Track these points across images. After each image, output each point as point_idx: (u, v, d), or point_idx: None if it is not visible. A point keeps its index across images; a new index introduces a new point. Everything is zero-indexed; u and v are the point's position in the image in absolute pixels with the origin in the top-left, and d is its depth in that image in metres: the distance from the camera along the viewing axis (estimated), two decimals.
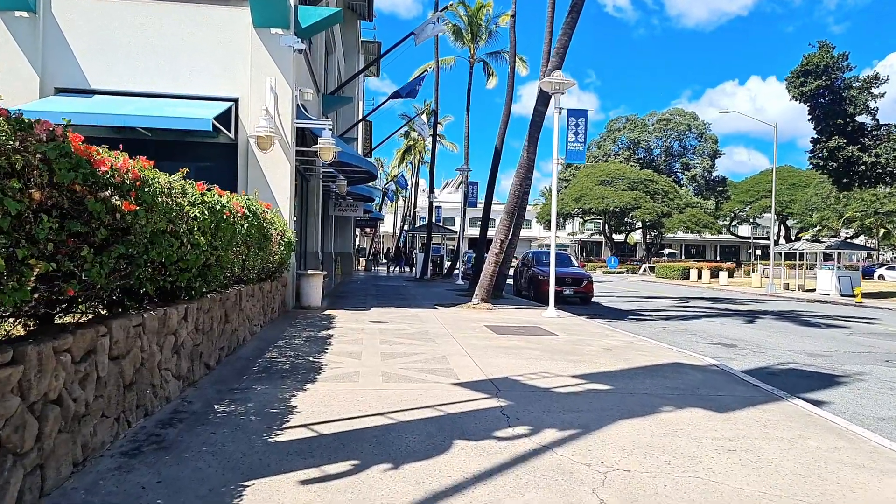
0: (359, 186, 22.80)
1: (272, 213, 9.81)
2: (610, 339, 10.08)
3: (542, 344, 9.29)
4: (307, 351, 7.97)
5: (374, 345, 8.63)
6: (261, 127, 11.69)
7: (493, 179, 22.47)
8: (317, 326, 10.34)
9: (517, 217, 15.24)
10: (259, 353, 7.75)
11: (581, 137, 13.38)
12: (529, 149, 14.57)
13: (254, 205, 7.78)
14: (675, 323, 14.58)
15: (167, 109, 11.20)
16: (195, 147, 12.73)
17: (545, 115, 14.49)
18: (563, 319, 13.01)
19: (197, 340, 6.08)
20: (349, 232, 33.83)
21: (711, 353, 9.96)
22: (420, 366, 7.25)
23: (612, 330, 11.58)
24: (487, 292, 14.80)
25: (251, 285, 8.68)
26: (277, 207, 12.44)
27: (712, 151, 75.34)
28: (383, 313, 12.80)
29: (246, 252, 7.44)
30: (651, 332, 12.62)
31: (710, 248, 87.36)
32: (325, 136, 12.76)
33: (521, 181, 14.72)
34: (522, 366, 7.46)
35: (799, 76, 29.40)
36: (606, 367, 7.55)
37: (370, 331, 10.05)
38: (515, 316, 13.38)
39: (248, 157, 12.44)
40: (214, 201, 5.79)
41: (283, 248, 9.99)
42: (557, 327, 11.46)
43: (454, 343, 9.08)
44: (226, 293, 7.20)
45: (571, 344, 9.40)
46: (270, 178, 12.51)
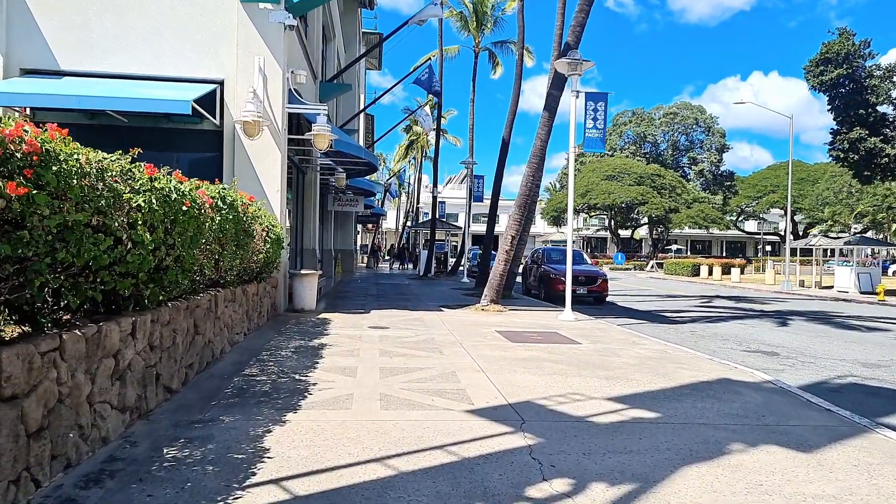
0: (359, 180, 21.66)
1: (256, 205, 8.66)
2: (639, 348, 8.93)
3: (564, 355, 8.14)
4: (294, 366, 6.83)
5: (372, 357, 7.49)
6: (247, 111, 10.53)
7: (501, 172, 21.31)
8: (309, 333, 9.20)
9: (528, 212, 14.09)
10: (237, 368, 6.62)
11: (600, 124, 12.20)
12: (542, 136, 13.39)
13: (230, 195, 6.64)
14: (702, 326, 13.41)
15: (143, 92, 10.05)
16: (176, 134, 11.58)
17: (560, 99, 13.31)
18: (582, 323, 11.85)
19: (151, 360, 4.94)
20: (350, 228, 32.69)
21: (755, 363, 8.79)
22: (426, 385, 6.11)
23: (639, 336, 10.42)
24: (497, 293, 13.65)
25: (230, 289, 7.54)
26: (267, 200, 11.29)
27: (720, 146, 73.97)
28: (384, 316, 11.66)
29: (220, 251, 6.30)
30: (679, 337, 11.46)
31: (715, 244, 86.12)
32: (320, 122, 11.60)
33: (534, 172, 13.55)
34: (547, 384, 6.31)
35: (818, 65, 28.10)
36: (646, 386, 6.39)
37: (369, 338, 8.91)
38: (529, 319, 12.23)
39: (234, 146, 11.29)
40: (170, 189, 4.64)
41: (270, 246, 8.85)
42: (578, 333, 10.30)
43: (464, 354, 7.93)
44: (195, 300, 6.06)
45: (598, 354, 8.25)
46: (259, 168, 11.35)
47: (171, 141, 11.61)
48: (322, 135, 11.51)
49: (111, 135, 11.40)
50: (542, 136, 13.36)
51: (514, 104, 21.22)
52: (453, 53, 32.49)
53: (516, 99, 21.23)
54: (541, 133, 13.39)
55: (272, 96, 11.40)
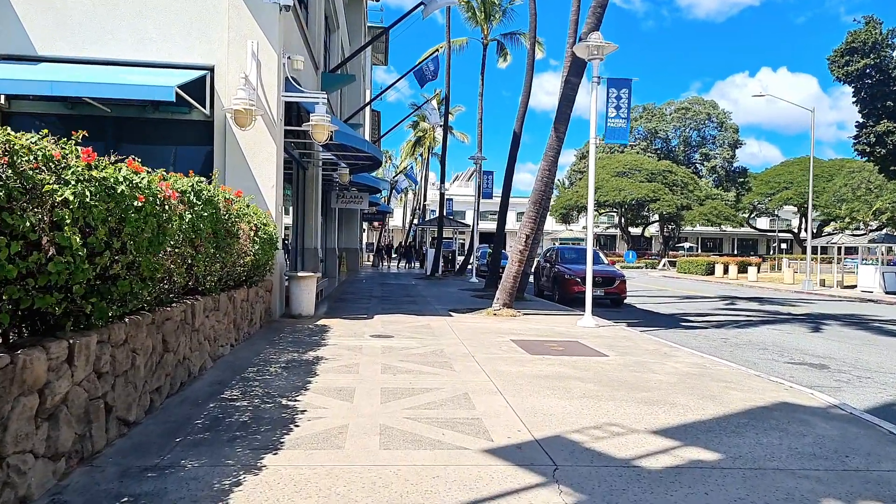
0: (363, 175, 20.74)
1: (243, 202, 7.76)
2: (674, 362, 7.95)
3: (591, 370, 7.18)
4: (282, 386, 5.91)
5: (373, 374, 6.56)
6: (238, 99, 9.62)
7: (512, 167, 20.36)
8: (304, 344, 8.28)
9: (543, 209, 13.11)
10: (216, 390, 5.70)
11: (624, 112, 11.22)
12: (559, 128, 12.41)
13: (207, 189, 5.72)
14: (733, 333, 12.39)
15: (124, 78, 9.16)
16: (164, 126, 10.69)
17: (578, 86, 12.32)
18: (604, 330, 10.88)
19: (99, 390, 4.02)
20: (355, 226, 31.82)
21: (806, 378, 7.81)
22: (435, 413, 5.17)
23: (669, 345, 9.44)
24: (510, 296, 12.69)
25: (213, 296, 6.63)
26: (261, 197, 10.39)
27: (733, 141, 72.52)
28: (388, 323, 10.73)
29: (193, 253, 5.38)
30: (712, 346, 10.47)
31: (727, 242, 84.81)
32: (319, 111, 10.68)
33: (550, 166, 12.57)
34: (577, 411, 5.36)
35: (843, 55, 26.95)
36: (695, 413, 5.43)
37: (370, 350, 7.98)
38: (545, 325, 11.27)
39: (225, 137, 10.38)
40: (115, 179, 3.72)
41: (260, 247, 7.92)
42: (602, 343, 9.34)
43: (478, 370, 6.99)
44: (164, 312, 5.15)
45: (630, 370, 7.28)
46: (253, 161, 10.45)
47: (158, 133, 10.73)
48: (321, 125, 10.59)
49: (93, 126, 10.49)
50: (558, 127, 12.37)
51: (525, 96, 20.25)
52: (461, 45, 31.48)
53: (528, 90, 20.26)
54: (557, 126, 12.40)
55: (266, 83, 10.49)
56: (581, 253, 19.71)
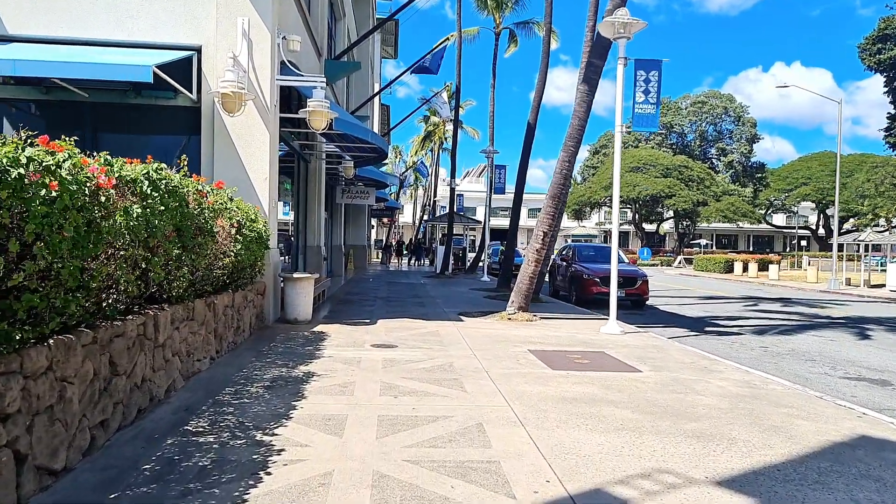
0: (370, 170, 19.78)
1: (224, 195, 6.81)
2: (718, 379, 6.92)
3: (625, 390, 6.17)
4: (261, 413, 4.96)
5: (369, 397, 5.60)
6: (226, 81, 8.67)
7: (526, 161, 19.30)
8: (295, 356, 7.33)
9: (562, 204, 12.06)
10: (181, 419, 4.76)
11: (653, 97, 10.16)
12: (580, 115, 11.35)
13: (169, 178, 4.76)
14: (772, 340, 11.31)
15: (97, 57, 8.24)
16: (147, 112, 9.77)
17: (602, 70, 11.26)
18: (631, 338, 9.85)
19: (4, 436, 3.09)
20: (363, 222, 30.88)
21: (873, 399, 6.76)
22: (442, 453, 4.20)
23: (706, 357, 8.41)
24: (526, 299, 11.67)
25: (186, 304, 5.68)
26: (253, 190, 9.46)
27: (750, 136, 70.90)
28: (392, 329, 9.77)
29: (147, 256, 4.43)
30: (752, 356, 9.43)
31: (742, 238, 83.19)
32: (317, 96, 9.71)
33: (570, 157, 11.52)
34: (616, 450, 4.36)
35: (874, 42, 25.60)
36: (761, 454, 4.41)
37: (369, 364, 7.01)
38: (565, 332, 10.25)
39: (213, 125, 9.44)
40: (8, 159, 2.76)
41: (243, 247, 6.95)
42: (631, 354, 8.32)
43: (493, 390, 6.00)
44: (111, 328, 4.20)
45: (669, 390, 6.26)
46: (244, 151, 9.50)
47: (140, 120, 9.81)
48: (318, 111, 9.62)
49: (70, 112, 9.63)
50: (580, 114, 11.31)
51: (540, 85, 19.20)
52: (472, 35, 30.40)
53: (543, 79, 19.21)
54: (578, 111, 11.34)
55: (259, 65, 9.53)
56: (599, 251, 18.66)
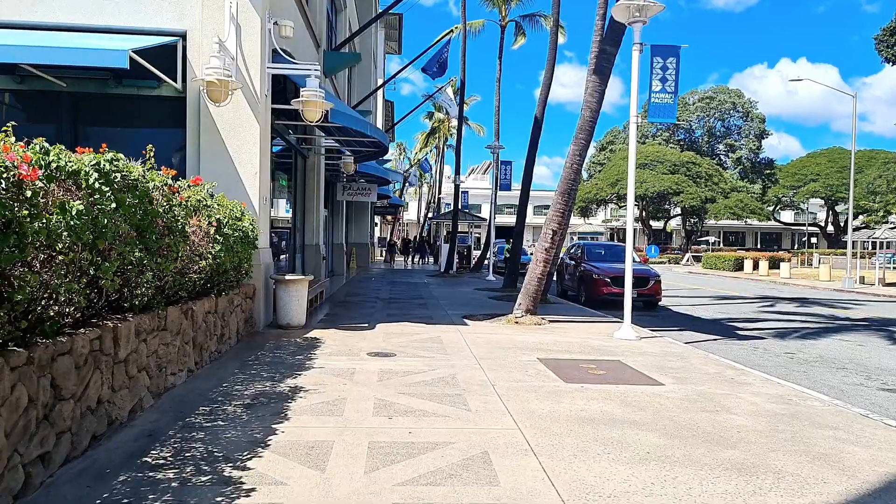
0: (372, 166, 19.15)
1: (203, 191, 6.18)
2: (749, 393, 6.25)
3: (648, 407, 5.51)
4: (234, 441, 4.33)
5: (360, 418, 4.96)
6: (211, 68, 8.03)
7: (533, 156, 18.61)
8: (283, 367, 6.70)
9: (571, 199, 11.38)
10: (141, 447, 4.14)
11: (671, 86, 9.49)
12: (592, 106, 10.67)
13: (125, 169, 4.13)
14: (796, 344, 10.63)
15: (70, 42, 7.62)
16: (130, 103, 9.15)
17: (615, 57, 10.57)
18: (647, 343, 9.19)
19: None
20: (365, 220, 30.27)
21: None
22: (441, 493, 3.55)
23: (732, 366, 7.73)
24: (534, 301, 11.01)
25: (155, 313, 5.05)
26: (242, 186, 8.84)
27: (759, 131, 69.85)
28: (392, 335, 9.13)
29: (95, 260, 3.79)
30: (777, 364, 8.75)
31: (749, 235, 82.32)
32: (311, 85, 9.07)
33: (581, 150, 10.83)
34: (645, 487, 3.71)
35: (892, 33, 24.79)
36: (814, 492, 3.74)
37: (364, 377, 6.37)
38: (576, 336, 9.60)
39: (199, 116, 8.81)
40: None
41: (222, 248, 6.31)
42: (649, 363, 7.65)
43: (501, 409, 5.35)
44: (53, 345, 3.58)
45: (697, 407, 5.60)
46: (232, 144, 8.87)
47: (122, 111, 9.20)
48: (312, 102, 8.98)
49: (46, 103, 9.02)
50: (591, 105, 10.63)
51: (547, 79, 18.50)
52: (477, 29, 29.69)
53: (550, 73, 18.50)
54: (590, 101, 10.66)
55: (248, 52, 8.90)
56: (609, 249, 17.99)
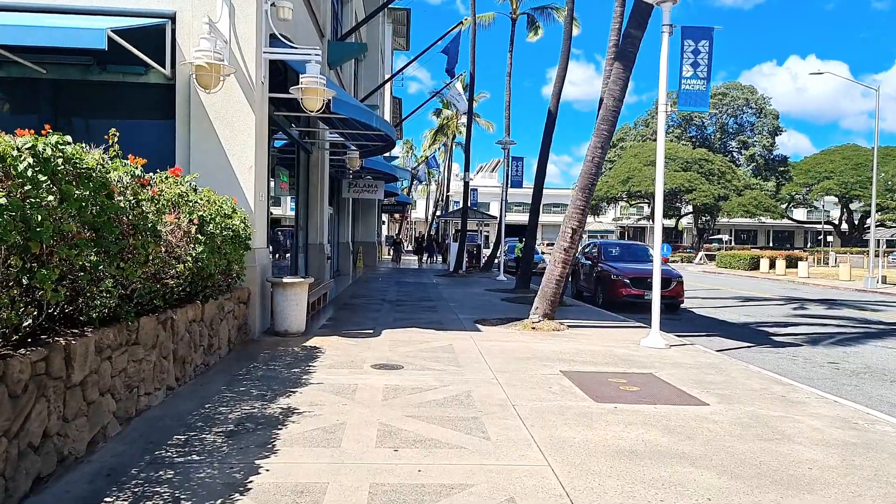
0: (377, 161, 18.40)
1: (181, 185, 5.45)
2: (807, 415, 5.45)
3: (696, 435, 4.73)
4: (208, 481, 3.59)
5: (362, 450, 4.21)
6: (201, 51, 7.29)
7: (546, 151, 17.80)
8: (276, 383, 5.96)
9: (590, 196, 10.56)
10: (94, 492, 3.40)
11: (703, 71, 8.68)
12: (615, 94, 9.85)
13: (73, 155, 3.39)
14: (837, 352, 9.80)
15: (43, 21, 6.92)
16: (115, 91, 8.45)
17: (640, 41, 9.76)
18: (678, 352, 8.39)
19: None
20: (372, 218, 29.54)
21: None
22: None
23: (777, 381, 6.93)
24: (552, 305, 10.23)
25: (119, 326, 4.33)
26: (236, 181, 8.12)
27: (773, 128, 68.66)
28: (399, 343, 8.38)
29: (29, 266, 3.05)
30: (822, 375, 7.94)
31: (761, 234, 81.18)
32: (311, 71, 8.32)
33: (603, 143, 10.01)
34: None
35: None
36: None
37: (367, 395, 5.63)
38: (601, 345, 8.81)
39: (189, 105, 8.09)
40: None
41: (206, 248, 5.56)
42: (686, 376, 6.86)
43: (525, 438, 4.59)
44: None
45: (753, 434, 4.81)
46: (225, 134, 8.15)
47: (107, 100, 8.50)
48: (312, 89, 8.24)
49: (26, 91, 8.34)
50: (614, 93, 9.81)
51: (561, 71, 17.69)
52: (488, 22, 28.89)
53: (565, 64, 17.69)
54: (613, 90, 9.84)
55: (242, 35, 8.18)
56: (627, 249, 17.17)
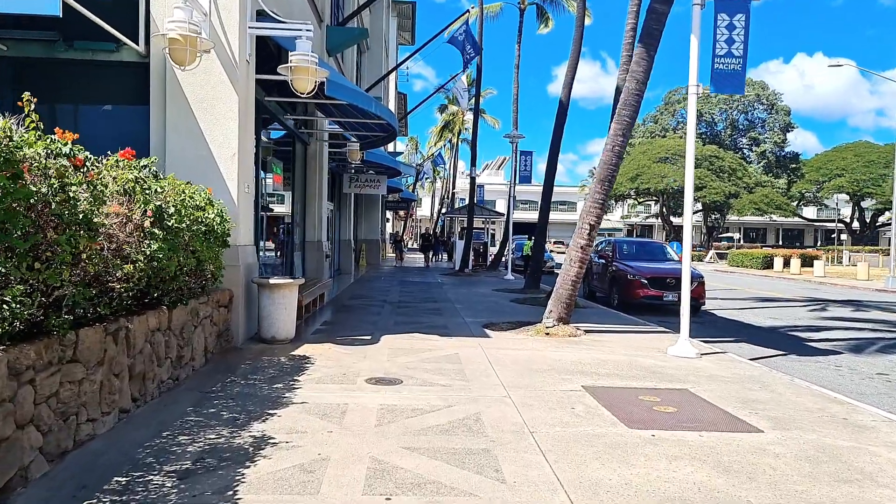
0: (380, 155, 17.55)
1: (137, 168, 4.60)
2: (883, 445, 4.56)
3: (756, 475, 3.85)
4: None
5: (346, 499, 3.35)
6: (175, 21, 6.43)
7: (558, 144, 16.89)
8: (253, 403, 5.11)
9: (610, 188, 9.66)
10: None
11: (739, 49, 7.77)
12: (639, 76, 8.94)
13: None
14: (882, 362, 8.87)
15: None
16: (81, 70, 7.61)
17: (667, 17, 8.86)
18: (712, 363, 7.50)
19: None
20: (376, 215, 28.67)
21: None
22: None
23: (833, 398, 6.04)
24: (568, 308, 9.35)
25: (48, 340, 3.49)
26: (217, 169, 7.28)
27: (784, 124, 67.40)
28: (399, 351, 7.51)
29: None
30: (876, 390, 7.04)
31: (770, 232, 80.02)
32: (301, 48, 7.46)
33: (625, 130, 9.11)
34: None
35: None
36: None
37: (357, 419, 4.76)
38: (623, 353, 7.92)
39: (165, 85, 7.25)
40: None
41: (164, 246, 4.69)
42: (726, 392, 5.98)
43: (548, 479, 3.72)
44: None
45: (827, 475, 3.93)
46: (204, 119, 7.30)
47: (75, 80, 7.66)
48: (303, 68, 7.38)
49: None
50: (637, 75, 8.91)
51: (574, 58, 16.79)
52: (495, 12, 27.97)
53: (577, 54, 16.79)
54: (636, 71, 8.94)
55: (224, 6, 7.32)
56: (643, 247, 16.26)
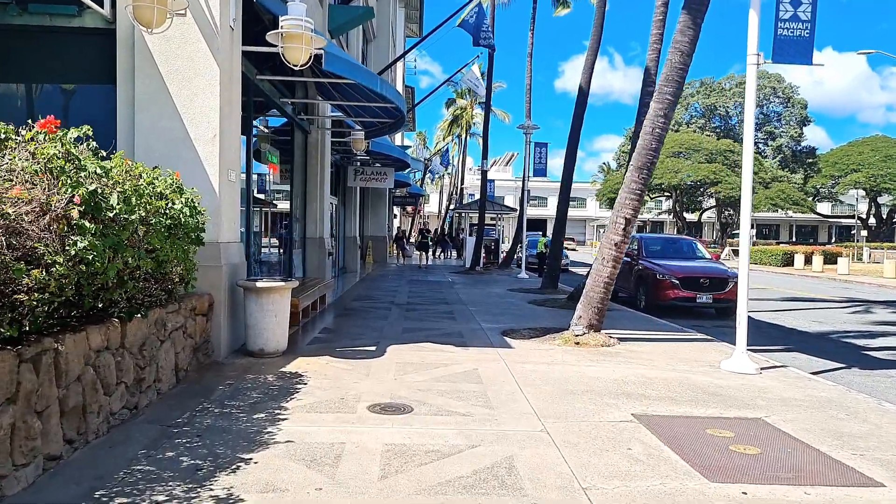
0: (386, 146, 16.45)
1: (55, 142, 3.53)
2: None
3: None
4: None
5: None
6: None
7: (577, 133, 15.72)
8: (224, 442, 4.03)
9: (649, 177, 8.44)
10: None
11: (806, 13, 6.60)
12: (684, 48, 7.70)
13: None
14: None
15: None
16: (38, 39, 6.54)
17: None
18: (776, 381, 6.36)
19: None
20: (383, 210, 27.59)
21: None
22: None
23: None
24: (600, 314, 8.23)
25: None
26: (194, 152, 6.20)
27: (801, 118, 65.79)
28: (407, 366, 6.42)
29: None
30: None
31: (784, 228, 78.61)
32: (294, 12, 6.37)
33: (667, 109, 7.88)
34: None
35: None
36: None
37: (355, 469, 3.67)
38: (669, 368, 6.80)
39: (134, 55, 6.18)
40: None
41: (95, 243, 3.53)
42: (810, 424, 4.85)
43: None
44: None
45: None
46: (180, 94, 6.22)
47: (31, 50, 6.60)
48: (296, 35, 6.29)
49: None
50: (681, 46, 7.72)
51: (595, 40, 15.63)
52: None
53: (599, 33, 15.63)
54: (680, 42, 7.74)
55: None
56: (672, 243, 15.08)
